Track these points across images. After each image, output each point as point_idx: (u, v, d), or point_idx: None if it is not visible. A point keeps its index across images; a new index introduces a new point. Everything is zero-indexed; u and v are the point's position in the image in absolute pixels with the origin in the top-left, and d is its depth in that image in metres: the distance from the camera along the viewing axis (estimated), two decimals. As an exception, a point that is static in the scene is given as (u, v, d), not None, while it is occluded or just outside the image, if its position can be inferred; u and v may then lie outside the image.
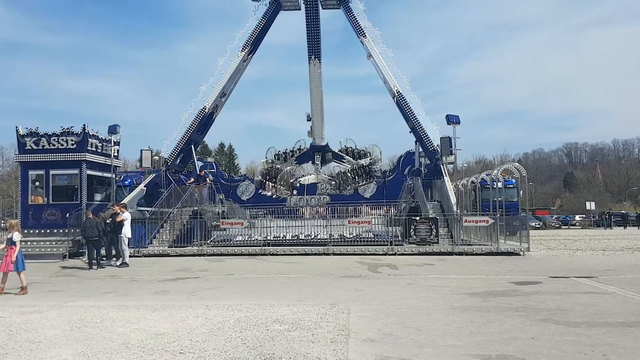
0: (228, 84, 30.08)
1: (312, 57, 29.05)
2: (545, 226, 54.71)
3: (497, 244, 20.17)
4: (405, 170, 30.72)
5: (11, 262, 11.85)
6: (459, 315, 8.72)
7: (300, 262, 18.40)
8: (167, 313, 9.18)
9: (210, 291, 12.06)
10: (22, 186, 23.11)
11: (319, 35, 29.06)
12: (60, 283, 14.35)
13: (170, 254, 21.22)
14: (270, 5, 30.34)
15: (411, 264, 17.01)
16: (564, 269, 15.45)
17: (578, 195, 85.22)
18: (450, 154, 25.87)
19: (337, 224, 22.50)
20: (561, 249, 23.63)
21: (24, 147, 22.81)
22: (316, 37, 29.09)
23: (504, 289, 11.71)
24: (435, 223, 21.03)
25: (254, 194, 29.64)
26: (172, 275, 15.14)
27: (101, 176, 24.08)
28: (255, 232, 22.95)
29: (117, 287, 13.11)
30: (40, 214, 22.19)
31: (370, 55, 29.51)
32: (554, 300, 10.12)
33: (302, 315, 8.73)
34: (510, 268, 15.82)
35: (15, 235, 12.03)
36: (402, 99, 28.44)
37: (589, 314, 8.72)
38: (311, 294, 11.33)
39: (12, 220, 13.14)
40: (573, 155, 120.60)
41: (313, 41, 29.04)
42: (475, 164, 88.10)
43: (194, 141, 30.16)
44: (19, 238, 12.15)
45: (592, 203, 62.09)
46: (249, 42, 29.92)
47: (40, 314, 9.38)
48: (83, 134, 22.62)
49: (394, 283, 13.00)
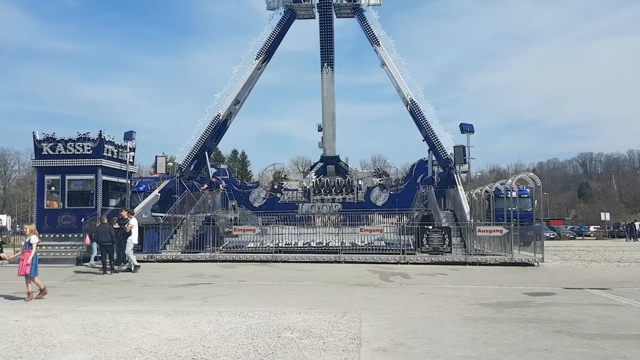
0: (242, 92, 30.28)
1: (325, 65, 29.22)
2: (560, 237, 54.19)
3: (511, 254, 20.00)
4: (418, 178, 30.60)
5: (27, 264, 11.81)
6: (472, 325, 8.66)
7: (312, 269, 18.40)
8: (180, 319, 9.23)
9: (222, 297, 12.10)
10: (38, 191, 23.44)
11: (332, 43, 29.24)
12: (74, 287, 14.48)
13: (183, 259, 21.34)
14: (285, 14, 30.57)
15: (423, 274, 16.93)
16: (579, 280, 15.29)
17: (593, 206, 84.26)
18: (464, 162, 25.77)
19: (348, 232, 22.49)
20: (575, 259, 23.39)
21: (40, 152, 23.12)
22: (329, 45, 29.25)
23: (518, 299, 11.61)
24: (448, 232, 20.93)
25: (266, 201, 29.74)
26: (184, 281, 15.22)
27: (116, 182, 24.33)
28: (267, 239, 23.00)
29: (131, 292, 13.20)
30: (56, 218, 22.46)
31: (383, 64, 29.56)
32: (568, 311, 10.01)
33: (314, 323, 8.72)
34: (524, 279, 15.68)
35: (33, 239, 12.04)
36: (416, 107, 28.41)
37: (603, 326, 8.61)
38: (323, 301, 11.32)
39: (30, 225, 13.13)
40: (588, 166, 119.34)
41: (326, 49, 29.23)
42: (489, 173, 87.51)
43: (208, 148, 30.36)
44: (36, 241, 12.15)
45: (607, 214, 61.40)
46: (264, 50, 30.13)
47: (55, 318, 9.48)
48: (99, 140, 22.89)
49: (406, 292, 12.94)
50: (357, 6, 30.32)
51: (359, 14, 30.40)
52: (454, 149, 26.10)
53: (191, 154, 28.98)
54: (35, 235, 12.23)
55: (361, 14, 30.37)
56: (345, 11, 30.91)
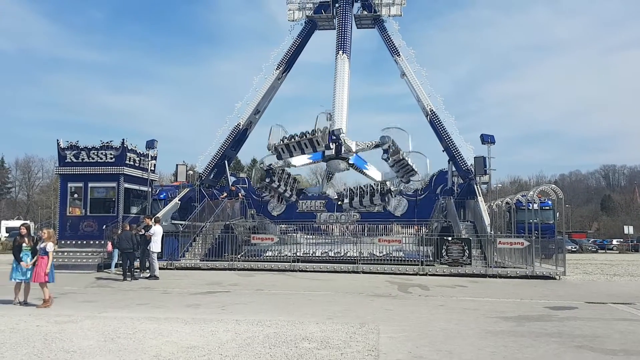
0: (262, 101, 30.48)
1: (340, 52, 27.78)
2: (582, 250, 53.25)
3: (532, 267, 19.71)
4: (438, 189, 30.36)
5: (44, 273, 11.65)
6: (492, 339, 8.55)
7: (330, 279, 18.35)
8: (198, 327, 9.27)
9: (240, 306, 12.13)
10: (61, 198, 23.82)
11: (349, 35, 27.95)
12: (94, 294, 14.65)
13: (202, 267, 21.46)
14: (306, 25, 30.78)
15: (442, 285, 16.77)
16: (601, 295, 15.00)
17: (616, 219, 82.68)
18: (485, 173, 25.53)
19: (367, 242, 22.41)
20: (598, 273, 22.96)
21: (64, 159, 23.51)
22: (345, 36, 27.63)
23: (539, 313, 11.43)
24: (468, 244, 20.73)
25: (285, 210, 29.80)
26: (203, 289, 15.29)
27: (138, 189, 24.63)
28: (285, 247, 23.02)
29: (150, 299, 13.30)
30: (78, 225, 22.78)
31: (404, 74, 29.53)
32: (590, 326, 9.83)
33: (331, 334, 8.69)
34: (546, 292, 15.44)
35: (49, 246, 11.85)
36: (436, 117, 28.30)
37: (626, 342, 8.44)
38: (340, 312, 11.28)
39: (49, 230, 12.98)
40: (611, 178, 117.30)
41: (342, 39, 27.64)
42: (510, 185, 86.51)
43: (228, 157, 30.58)
44: (52, 249, 11.94)
45: (630, 227, 60.16)
46: (284, 61, 30.34)
47: (75, 324, 9.59)
48: (122, 148, 23.21)
49: (425, 304, 12.83)
50: (377, 17, 30.41)
51: (380, 24, 30.49)
52: (475, 160, 25.89)
53: (211, 163, 29.22)
54: (52, 242, 12.05)
55: (382, 24, 30.46)
56: (366, 22, 31.03)
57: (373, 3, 30.36)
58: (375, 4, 30.37)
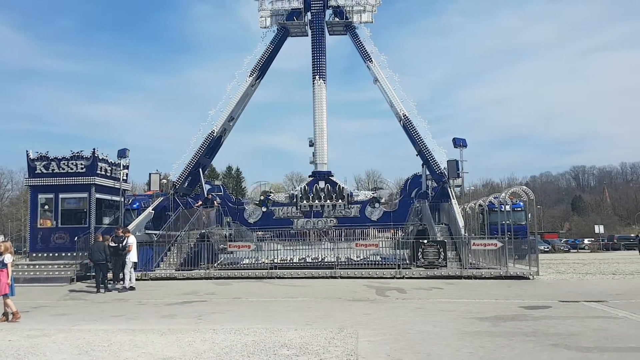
0: (236, 109, 30.32)
1: (317, 77, 29.10)
2: (554, 250, 54.22)
3: (506, 267, 19.99)
4: (412, 193, 30.60)
5: (7, 283, 11.43)
6: (469, 340, 8.63)
7: (308, 285, 18.32)
8: (175, 337, 9.15)
9: (217, 315, 12.02)
10: (32, 210, 23.25)
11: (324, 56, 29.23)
12: (67, 306, 14.35)
13: (178, 277, 21.19)
14: (278, 31, 30.74)
15: (419, 288, 16.89)
16: (574, 293, 15.29)
17: (586, 219, 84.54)
18: (458, 176, 25.84)
19: (344, 247, 22.42)
20: (570, 272, 23.40)
21: (34, 171, 23.01)
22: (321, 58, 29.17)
23: (514, 313, 11.59)
24: (444, 246, 20.93)
25: (261, 217, 29.65)
26: (179, 299, 15.11)
27: (110, 200, 24.21)
28: (262, 255, 22.90)
29: (125, 311, 13.09)
30: (49, 237, 22.27)
31: (376, 80, 29.72)
32: (564, 324, 10.01)
33: (310, 340, 8.67)
34: (520, 292, 15.67)
35: (6, 258, 11.61)
36: (409, 122, 28.53)
37: (600, 339, 8.61)
38: (319, 317, 11.27)
39: (5, 242, 12.71)
40: (581, 179, 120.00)
41: (318, 62, 29.16)
42: (483, 187, 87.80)
43: (202, 164, 30.31)
44: (10, 260, 11.71)
45: (601, 226, 61.53)
46: (257, 68, 30.26)
47: (48, 337, 9.38)
48: (92, 158, 22.82)
49: (403, 307, 12.90)
50: (349, 24, 30.54)
51: (351, 31, 30.62)
52: (448, 163, 26.19)
53: (185, 171, 28.93)
54: (10, 253, 11.81)
55: (353, 31, 30.59)
56: (338, 29, 31.14)
57: (344, 10, 30.47)
58: (347, 11, 30.48)
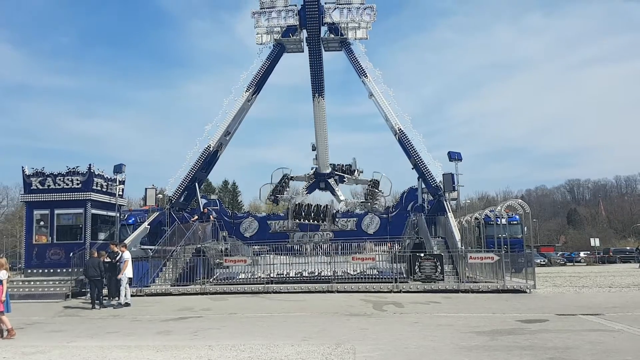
0: (232, 123, 30.43)
1: (316, 95, 29.79)
2: (551, 263, 54.18)
3: (503, 281, 19.94)
4: (408, 206, 30.68)
5: (1, 300, 11.31)
6: (467, 354, 8.62)
7: (304, 300, 18.25)
8: (170, 353, 9.10)
9: (213, 331, 11.96)
10: (27, 226, 23.17)
11: (322, 74, 29.73)
12: (63, 323, 14.25)
13: (173, 292, 21.05)
14: (274, 48, 30.97)
15: (417, 302, 16.85)
16: (571, 307, 15.29)
17: (582, 232, 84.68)
18: (453, 190, 25.89)
19: (340, 261, 22.36)
20: (567, 286, 23.40)
21: (29, 187, 22.96)
22: (319, 77, 29.71)
23: (511, 327, 11.58)
24: (440, 260, 20.91)
25: (257, 231, 29.62)
26: (174, 315, 15.02)
27: (105, 215, 24.15)
28: (259, 269, 22.80)
29: (120, 327, 13.00)
30: (44, 253, 22.17)
31: (371, 95, 29.94)
32: (561, 338, 10.00)
33: (307, 356, 8.63)
34: (517, 306, 15.66)
35: (2, 274, 11.53)
36: (404, 136, 28.68)
37: (597, 352, 8.61)
38: (316, 333, 11.22)
39: (1, 259, 12.44)
40: (576, 192, 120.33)
41: (317, 80, 29.66)
42: (478, 201, 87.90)
43: (198, 179, 30.31)
44: (5, 277, 11.62)
45: (596, 239, 61.66)
46: (254, 83, 30.43)
47: (43, 354, 9.31)
48: (88, 174, 22.79)
49: (400, 321, 12.87)
50: (344, 40, 30.78)
51: (347, 47, 30.87)
52: (443, 177, 26.27)
53: (181, 186, 28.90)
54: (5, 270, 11.72)
55: (348, 47, 30.84)
56: (333, 45, 31.39)
57: (339, 27, 30.76)
58: (342, 28, 30.76)
